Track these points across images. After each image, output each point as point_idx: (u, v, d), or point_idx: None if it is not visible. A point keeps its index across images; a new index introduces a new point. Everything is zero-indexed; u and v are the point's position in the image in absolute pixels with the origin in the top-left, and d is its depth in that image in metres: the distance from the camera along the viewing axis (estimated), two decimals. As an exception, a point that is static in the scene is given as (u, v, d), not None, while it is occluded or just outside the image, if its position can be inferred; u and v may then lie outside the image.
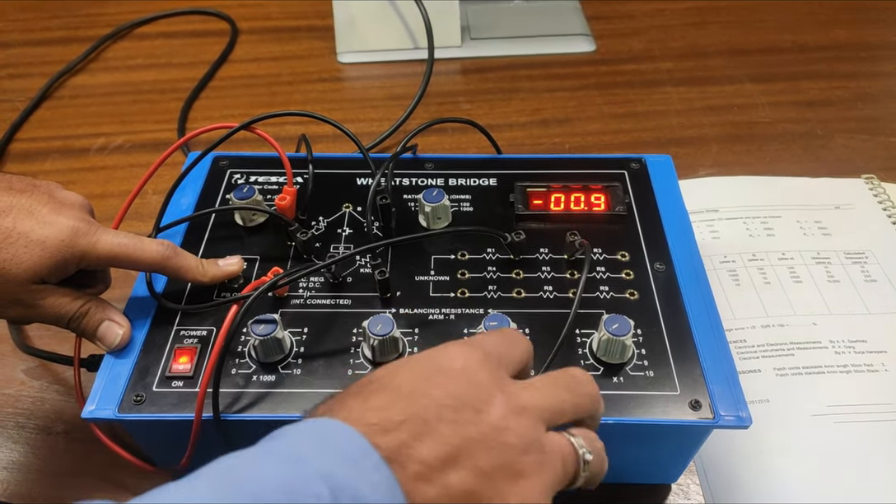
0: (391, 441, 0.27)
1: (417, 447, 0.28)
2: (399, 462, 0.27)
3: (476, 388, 0.30)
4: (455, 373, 0.30)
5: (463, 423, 0.29)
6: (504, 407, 0.30)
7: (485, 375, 0.31)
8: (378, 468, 0.26)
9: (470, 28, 0.91)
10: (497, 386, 0.31)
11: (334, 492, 0.25)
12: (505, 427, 0.29)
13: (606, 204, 0.52)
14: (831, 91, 0.81)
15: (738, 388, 0.42)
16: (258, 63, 0.88)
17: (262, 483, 0.25)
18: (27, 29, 0.94)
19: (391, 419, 0.28)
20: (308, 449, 0.27)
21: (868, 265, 0.61)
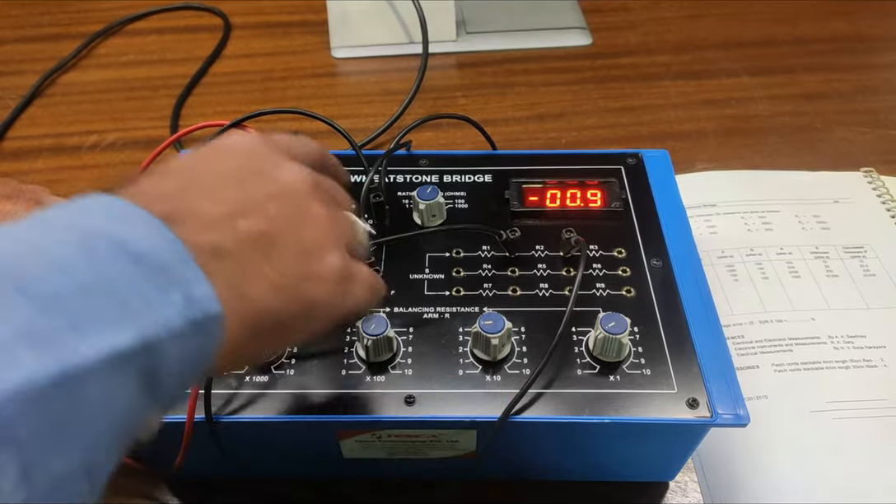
0: (168, 204, 0.25)
1: (199, 206, 0.26)
2: (177, 221, 0.25)
3: (261, 159, 0.31)
4: (240, 149, 0.31)
5: (248, 185, 0.29)
6: (293, 169, 0.31)
7: (270, 150, 0.32)
8: (148, 222, 0.24)
9: (465, 22, 0.90)
10: (282, 157, 0.32)
11: (86, 237, 0.22)
12: (293, 180, 0.30)
13: (603, 200, 0.52)
14: (830, 84, 0.81)
15: (735, 385, 0.41)
16: (251, 59, 0.87)
17: None
18: (18, 25, 0.93)
19: (170, 187, 0.27)
20: (64, 212, 0.24)
21: (867, 259, 0.61)
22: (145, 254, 0.23)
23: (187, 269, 0.24)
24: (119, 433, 0.22)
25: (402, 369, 0.43)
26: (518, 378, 0.42)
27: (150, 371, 0.22)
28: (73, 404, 0.20)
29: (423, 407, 0.41)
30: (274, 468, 0.47)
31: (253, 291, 0.27)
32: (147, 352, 0.22)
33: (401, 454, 0.44)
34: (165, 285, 0.23)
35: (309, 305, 0.29)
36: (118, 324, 0.21)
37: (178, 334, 0.23)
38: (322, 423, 0.41)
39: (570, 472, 0.48)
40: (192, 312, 0.23)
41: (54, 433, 0.19)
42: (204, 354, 0.24)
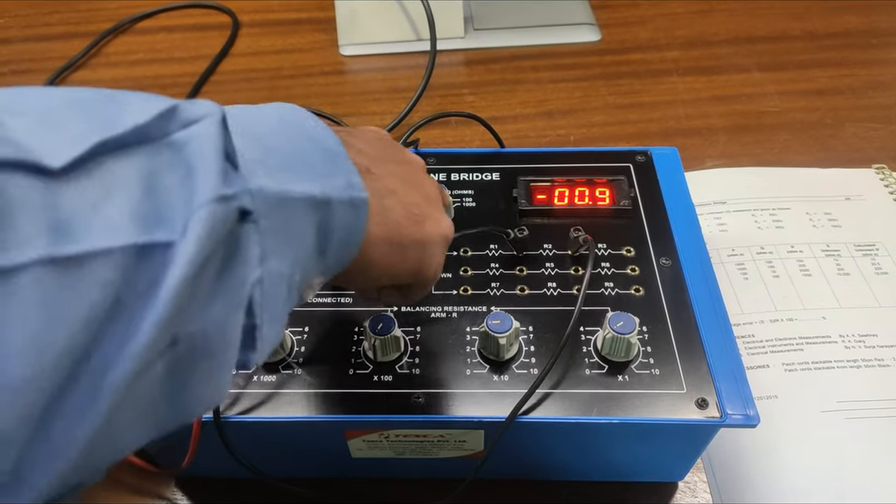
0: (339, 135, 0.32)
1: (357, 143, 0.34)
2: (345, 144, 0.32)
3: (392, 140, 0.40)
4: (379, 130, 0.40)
5: (388, 147, 0.38)
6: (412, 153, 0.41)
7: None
8: (325, 128, 0.31)
9: (473, 18, 0.90)
10: None
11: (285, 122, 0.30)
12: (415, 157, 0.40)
13: (611, 198, 0.51)
14: (841, 79, 0.80)
15: (745, 385, 0.41)
16: (259, 56, 0.87)
17: None
18: (28, 25, 0.93)
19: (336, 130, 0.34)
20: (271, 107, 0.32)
21: (879, 257, 0.60)
22: (323, 140, 0.30)
23: (347, 162, 0.30)
24: (303, 270, 0.28)
25: (409, 369, 0.43)
26: (526, 378, 0.42)
27: (324, 226, 0.29)
28: (286, 222, 0.26)
29: (430, 407, 0.41)
30: (282, 468, 0.47)
31: (389, 203, 0.34)
32: (326, 206, 0.28)
33: (408, 454, 0.44)
34: (334, 166, 0.30)
35: (425, 238, 0.36)
36: (310, 180, 0.28)
37: (342, 202, 0.29)
38: (330, 423, 0.41)
39: (578, 472, 0.47)
40: (350, 192, 0.30)
41: (277, 236, 0.26)
42: (356, 232, 0.31)
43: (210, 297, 0.23)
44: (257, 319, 0.25)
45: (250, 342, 0.26)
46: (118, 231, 0.20)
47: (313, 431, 0.43)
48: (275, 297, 0.26)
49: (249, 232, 0.24)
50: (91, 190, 0.20)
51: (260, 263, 0.25)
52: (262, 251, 0.25)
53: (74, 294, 0.19)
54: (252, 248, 0.24)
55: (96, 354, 0.20)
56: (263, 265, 0.25)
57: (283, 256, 0.26)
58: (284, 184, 0.26)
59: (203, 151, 0.23)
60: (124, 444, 0.22)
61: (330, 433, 0.43)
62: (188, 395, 0.24)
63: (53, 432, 0.19)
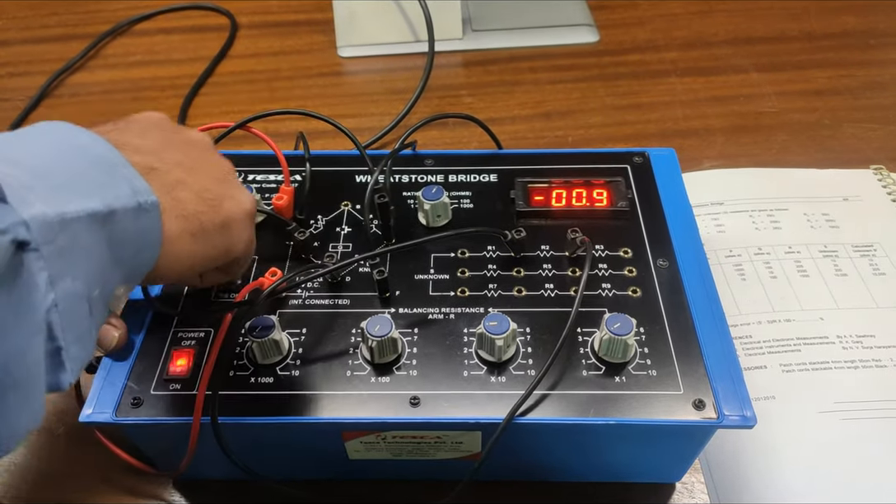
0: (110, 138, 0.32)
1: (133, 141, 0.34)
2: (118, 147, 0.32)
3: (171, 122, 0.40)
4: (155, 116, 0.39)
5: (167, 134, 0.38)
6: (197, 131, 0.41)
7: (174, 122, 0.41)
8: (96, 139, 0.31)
9: (471, 20, 0.90)
10: None
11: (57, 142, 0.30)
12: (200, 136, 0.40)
13: (609, 199, 0.51)
14: (839, 80, 0.80)
15: (742, 386, 0.41)
16: (258, 58, 0.87)
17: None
18: (26, 27, 0.93)
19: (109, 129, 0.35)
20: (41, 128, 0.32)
21: (877, 258, 0.60)
22: (97, 153, 0.31)
23: (126, 168, 0.31)
24: (102, 284, 0.29)
25: (406, 370, 0.43)
26: (523, 379, 0.42)
27: (115, 238, 0.29)
28: (72, 242, 0.27)
29: (427, 408, 0.41)
30: (279, 469, 0.47)
31: (181, 195, 0.34)
32: (111, 218, 0.29)
33: (406, 455, 0.44)
34: (116, 177, 0.31)
35: (227, 219, 0.37)
36: (88, 195, 0.29)
37: (129, 211, 0.30)
38: (327, 425, 0.41)
39: (575, 473, 0.47)
40: (137, 198, 0.31)
41: (65, 259, 0.26)
42: (152, 234, 0.32)
43: (3, 329, 0.23)
44: (61, 342, 0.26)
45: (58, 363, 0.27)
46: None
47: (310, 433, 0.43)
48: (76, 317, 0.27)
49: (31, 260, 0.25)
50: None
51: (51, 288, 0.26)
52: (51, 275, 0.26)
53: None
54: (38, 275, 0.25)
55: None
56: (55, 289, 0.26)
57: (76, 276, 0.27)
58: (61, 205, 0.27)
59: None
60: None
61: (327, 435, 0.43)
62: (2, 425, 0.24)
63: None
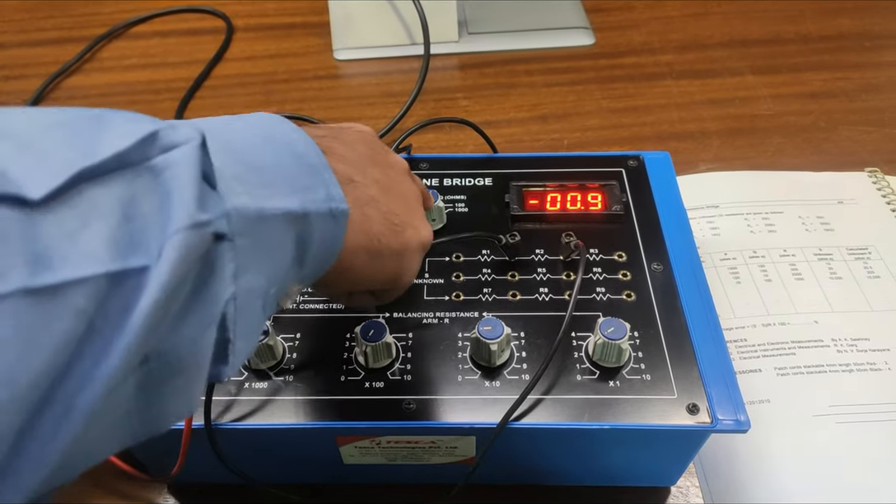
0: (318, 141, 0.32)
1: (339, 149, 0.35)
2: (324, 151, 0.32)
3: (379, 142, 0.40)
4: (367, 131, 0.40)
5: (374, 150, 0.38)
6: (399, 156, 0.41)
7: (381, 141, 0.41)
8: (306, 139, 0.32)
9: (467, 22, 0.90)
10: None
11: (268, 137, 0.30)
12: (400, 161, 0.41)
13: (603, 203, 0.52)
14: (835, 82, 0.80)
15: (736, 391, 0.41)
16: (254, 61, 0.87)
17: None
18: (22, 30, 0.93)
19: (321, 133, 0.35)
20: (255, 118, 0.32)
21: (871, 261, 0.60)
22: (305, 153, 0.31)
23: (328, 173, 0.31)
24: (280, 282, 0.29)
25: (401, 375, 0.43)
26: (517, 384, 0.42)
27: (302, 239, 0.29)
28: (263, 238, 0.27)
29: (422, 413, 0.41)
30: (273, 474, 0.47)
31: (370, 212, 0.34)
32: (304, 219, 0.29)
33: (400, 460, 0.44)
34: (315, 179, 0.30)
35: (404, 246, 0.37)
36: (289, 194, 0.29)
37: (321, 215, 0.30)
38: (321, 430, 0.41)
39: (570, 477, 0.47)
40: (330, 204, 0.31)
41: (253, 253, 0.26)
42: (335, 242, 0.32)
43: (183, 316, 0.23)
44: (230, 334, 0.26)
45: (223, 356, 0.26)
46: (94, 260, 0.20)
47: (304, 438, 0.43)
48: (248, 312, 0.27)
49: (224, 251, 0.25)
50: (69, 220, 0.20)
51: (234, 280, 0.25)
52: (237, 268, 0.25)
53: (49, 323, 0.19)
54: (226, 266, 0.25)
55: (69, 378, 0.20)
56: (237, 282, 0.26)
57: (258, 271, 0.27)
58: (262, 200, 0.27)
59: (180, 177, 0.23)
60: (97, 454, 0.23)
61: (321, 440, 0.43)
62: (158, 408, 0.24)
63: (27, 452, 0.19)
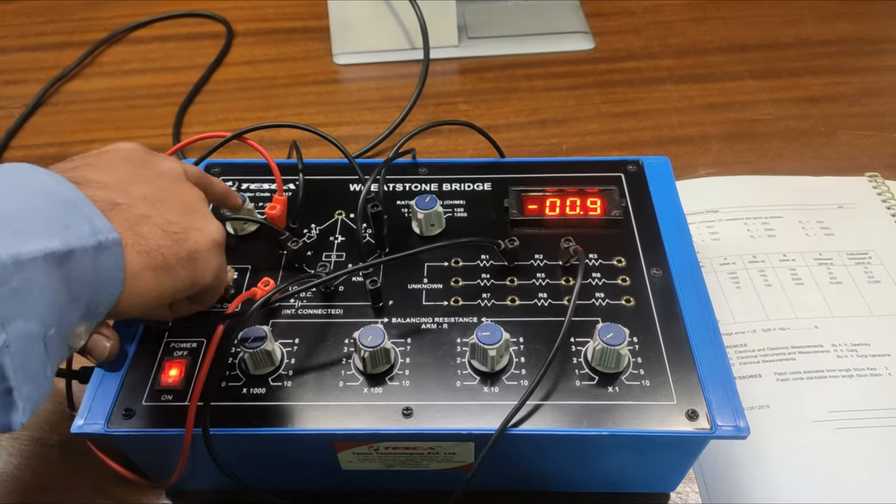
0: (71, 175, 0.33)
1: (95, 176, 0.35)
2: (80, 184, 0.33)
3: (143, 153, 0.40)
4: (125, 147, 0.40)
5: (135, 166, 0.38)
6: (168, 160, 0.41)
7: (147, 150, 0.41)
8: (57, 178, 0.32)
9: (467, 27, 0.90)
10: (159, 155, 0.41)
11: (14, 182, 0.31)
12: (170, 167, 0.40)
13: (602, 208, 0.51)
14: (834, 87, 0.80)
15: (735, 397, 0.41)
16: (253, 66, 0.87)
17: None
18: (22, 34, 0.93)
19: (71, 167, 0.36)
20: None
21: (871, 266, 0.60)
22: (57, 192, 0.31)
23: (87, 206, 0.31)
24: (59, 323, 0.30)
25: (399, 381, 0.43)
26: (516, 389, 0.42)
27: (74, 277, 0.30)
28: (26, 283, 0.27)
29: (420, 419, 0.41)
30: (272, 480, 0.47)
31: (145, 230, 0.34)
32: (70, 257, 0.29)
33: (398, 466, 0.44)
34: (75, 216, 0.31)
35: (192, 252, 0.37)
36: (47, 235, 0.29)
37: (89, 249, 0.30)
38: (319, 436, 0.41)
39: (569, 483, 0.47)
40: (97, 236, 0.31)
41: (17, 299, 0.27)
42: (114, 272, 0.32)
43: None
44: (11, 382, 0.27)
45: (8, 404, 0.27)
46: None
47: (302, 444, 0.43)
48: (29, 357, 0.27)
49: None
50: None
51: (2, 329, 0.26)
52: (3, 317, 0.26)
53: None
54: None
55: None
56: (6, 330, 0.26)
57: (29, 317, 0.27)
58: (16, 246, 0.27)
59: None
60: None
61: (319, 446, 0.43)
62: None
63: None
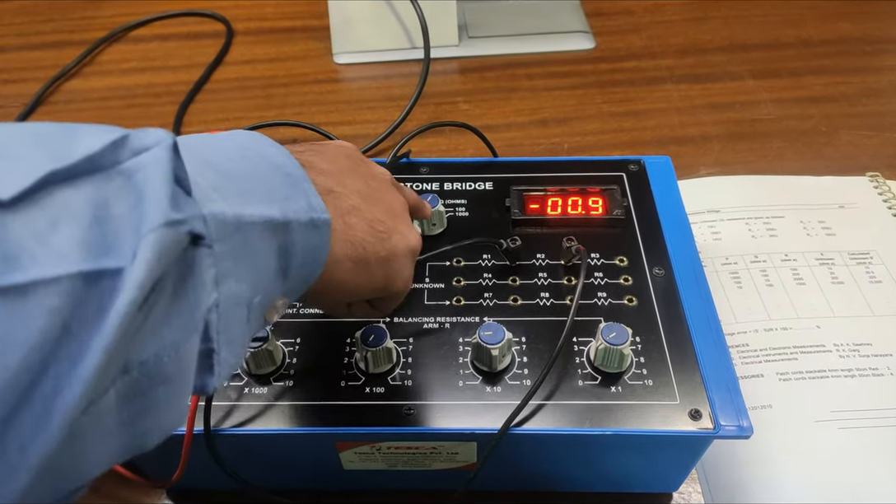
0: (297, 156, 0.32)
1: (319, 163, 0.35)
2: (303, 165, 0.32)
3: (359, 154, 0.40)
4: (346, 145, 0.40)
5: (353, 163, 0.38)
6: (380, 166, 0.41)
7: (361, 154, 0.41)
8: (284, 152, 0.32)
9: (468, 26, 0.90)
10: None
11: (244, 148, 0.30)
12: (382, 171, 0.40)
13: (604, 207, 0.51)
14: (835, 87, 0.80)
15: (739, 396, 0.41)
16: (253, 65, 0.87)
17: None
18: (21, 33, 0.93)
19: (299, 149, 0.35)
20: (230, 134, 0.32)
21: (873, 266, 0.60)
22: (282, 165, 0.31)
23: (307, 184, 0.31)
24: (264, 293, 0.29)
25: (401, 380, 0.42)
26: (519, 389, 0.42)
27: (284, 248, 0.29)
28: (243, 244, 0.27)
29: (422, 418, 0.41)
30: (273, 480, 0.47)
31: (353, 221, 0.34)
32: (285, 228, 0.29)
33: (400, 466, 0.44)
34: (294, 189, 0.30)
35: (390, 252, 0.36)
36: (269, 203, 0.28)
37: (303, 224, 0.30)
38: (321, 435, 0.41)
39: (571, 483, 0.47)
40: (311, 213, 0.30)
41: (234, 259, 0.26)
42: (319, 252, 0.31)
43: (163, 321, 0.23)
44: (214, 344, 0.26)
45: (207, 367, 0.26)
46: (64, 260, 0.20)
47: (304, 444, 0.43)
48: (233, 321, 0.26)
49: (203, 255, 0.24)
50: (39, 220, 0.20)
51: (215, 287, 0.25)
52: (217, 274, 0.25)
53: (22, 321, 0.19)
54: (207, 272, 0.25)
55: (46, 378, 0.20)
56: (219, 288, 0.25)
57: (241, 279, 0.27)
58: (241, 207, 0.27)
59: (152, 178, 0.23)
60: (86, 469, 0.23)
61: (321, 445, 0.43)
62: (144, 421, 0.24)
63: (7, 452, 0.19)
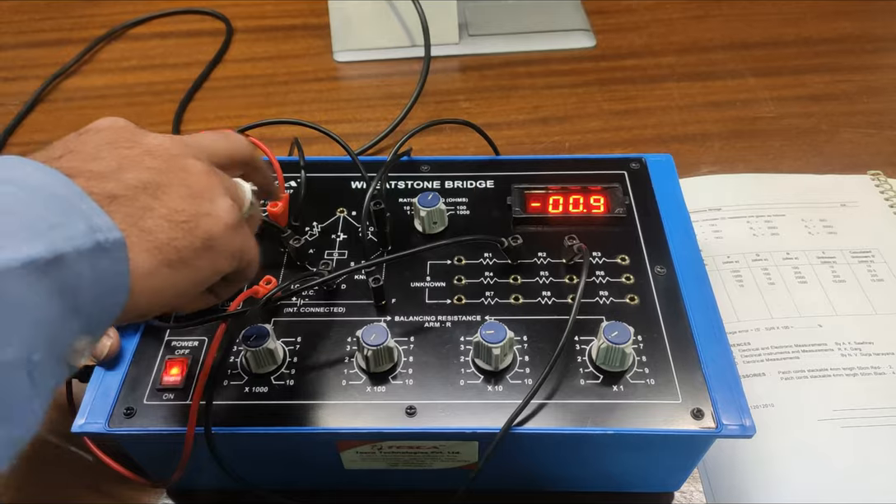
0: (58, 165, 0.29)
1: (85, 166, 0.30)
2: (71, 176, 0.28)
3: (128, 131, 0.34)
4: (106, 124, 0.34)
5: (122, 148, 0.32)
6: (157, 136, 0.34)
7: (131, 125, 0.34)
8: (42, 169, 0.28)
9: (468, 24, 0.89)
10: (145, 131, 0.34)
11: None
12: (160, 142, 0.34)
13: (606, 206, 0.51)
14: (836, 85, 0.80)
15: (741, 396, 0.41)
16: (253, 63, 0.87)
17: None
18: (20, 31, 0.93)
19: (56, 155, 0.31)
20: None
21: (875, 264, 0.60)
22: (47, 186, 0.27)
23: (84, 202, 0.27)
24: (51, 343, 0.25)
25: (402, 379, 0.42)
26: (520, 388, 0.42)
27: (68, 286, 0.25)
28: (2, 300, 0.23)
29: (424, 418, 0.40)
30: (274, 479, 0.46)
31: (148, 224, 0.30)
32: (59, 264, 0.25)
33: (402, 465, 0.44)
34: (69, 213, 0.26)
35: (206, 240, 0.32)
36: (28, 239, 0.24)
37: (86, 253, 0.26)
38: (322, 435, 0.41)
39: (573, 482, 0.47)
40: (96, 236, 0.26)
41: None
42: (118, 278, 0.28)
43: None
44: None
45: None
46: None
47: (305, 443, 0.43)
48: (7, 391, 0.23)
49: None
50: None
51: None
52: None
53: None
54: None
55: None
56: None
57: (6, 342, 0.23)
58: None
59: None
60: None
61: (322, 445, 0.43)
62: None
63: None
